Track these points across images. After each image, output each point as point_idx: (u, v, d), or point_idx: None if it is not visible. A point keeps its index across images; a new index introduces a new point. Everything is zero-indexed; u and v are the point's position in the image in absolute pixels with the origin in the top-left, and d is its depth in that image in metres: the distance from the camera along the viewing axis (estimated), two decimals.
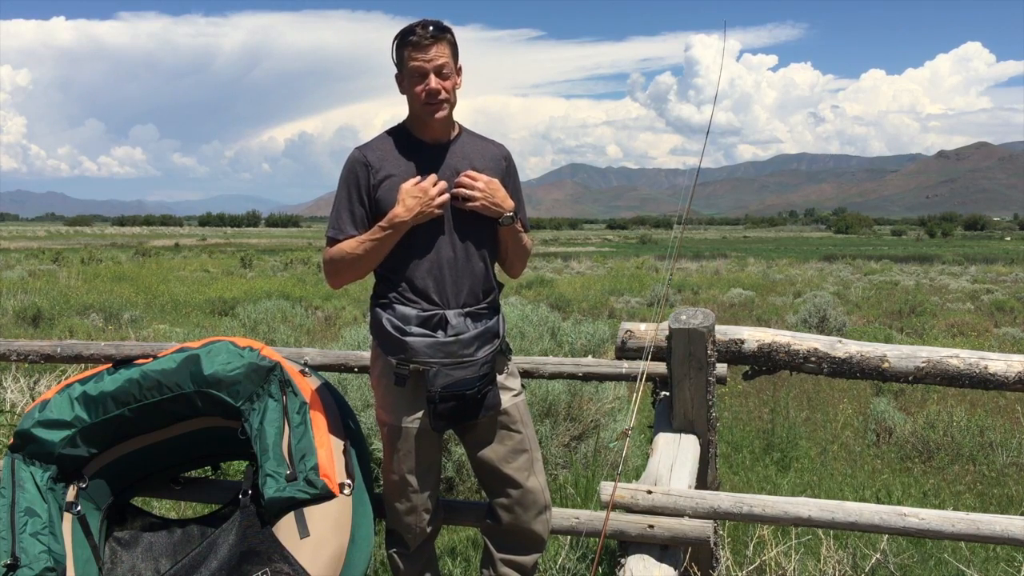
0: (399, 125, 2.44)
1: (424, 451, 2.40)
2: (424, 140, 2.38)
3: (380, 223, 2.30)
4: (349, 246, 2.34)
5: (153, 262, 31.55)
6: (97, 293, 16.00)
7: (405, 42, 2.29)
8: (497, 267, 2.53)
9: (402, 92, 2.37)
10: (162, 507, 3.93)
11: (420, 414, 2.35)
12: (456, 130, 2.44)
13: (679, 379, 2.72)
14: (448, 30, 2.31)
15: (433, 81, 2.27)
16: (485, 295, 2.40)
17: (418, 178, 2.31)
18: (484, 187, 2.32)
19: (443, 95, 2.29)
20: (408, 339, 2.29)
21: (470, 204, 2.32)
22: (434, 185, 2.29)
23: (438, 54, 2.27)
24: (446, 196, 2.31)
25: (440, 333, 2.31)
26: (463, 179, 2.33)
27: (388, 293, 2.37)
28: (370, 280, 2.47)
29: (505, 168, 2.48)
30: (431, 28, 2.27)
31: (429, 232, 2.33)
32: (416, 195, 2.27)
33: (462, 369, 2.29)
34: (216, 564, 2.35)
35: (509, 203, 2.37)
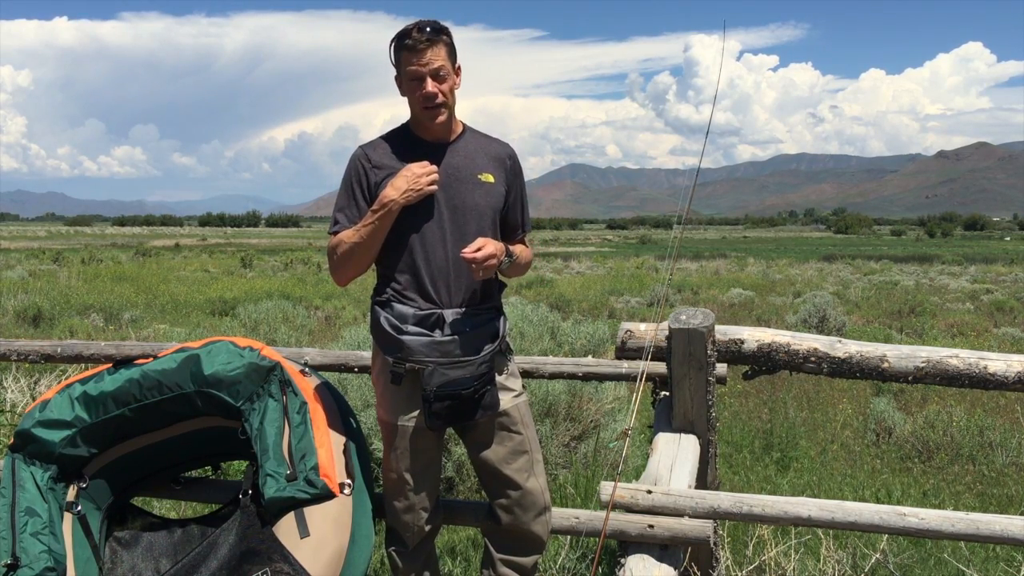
0: (402, 125, 2.45)
1: (422, 450, 2.40)
2: (426, 139, 2.39)
3: (371, 207, 2.30)
4: (347, 235, 2.34)
5: (153, 262, 31.55)
6: (97, 293, 16.00)
7: (401, 45, 2.28)
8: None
9: (402, 94, 2.37)
10: (162, 507, 3.93)
11: (417, 413, 2.35)
12: (460, 129, 2.44)
13: (679, 379, 2.72)
14: (444, 31, 2.29)
15: (429, 85, 2.27)
16: (485, 295, 2.40)
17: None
18: (479, 256, 2.23)
19: (440, 99, 2.29)
20: (404, 338, 2.30)
21: (477, 277, 2.29)
22: (424, 169, 2.29)
23: (434, 57, 2.26)
24: (435, 175, 2.30)
25: (437, 332, 2.31)
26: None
27: (387, 292, 2.37)
28: (371, 280, 2.48)
29: (509, 167, 2.48)
30: (427, 31, 2.25)
31: (428, 231, 2.33)
32: (405, 175, 2.27)
33: (458, 369, 2.29)
34: (216, 564, 2.35)
35: (500, 248, 2.32)
